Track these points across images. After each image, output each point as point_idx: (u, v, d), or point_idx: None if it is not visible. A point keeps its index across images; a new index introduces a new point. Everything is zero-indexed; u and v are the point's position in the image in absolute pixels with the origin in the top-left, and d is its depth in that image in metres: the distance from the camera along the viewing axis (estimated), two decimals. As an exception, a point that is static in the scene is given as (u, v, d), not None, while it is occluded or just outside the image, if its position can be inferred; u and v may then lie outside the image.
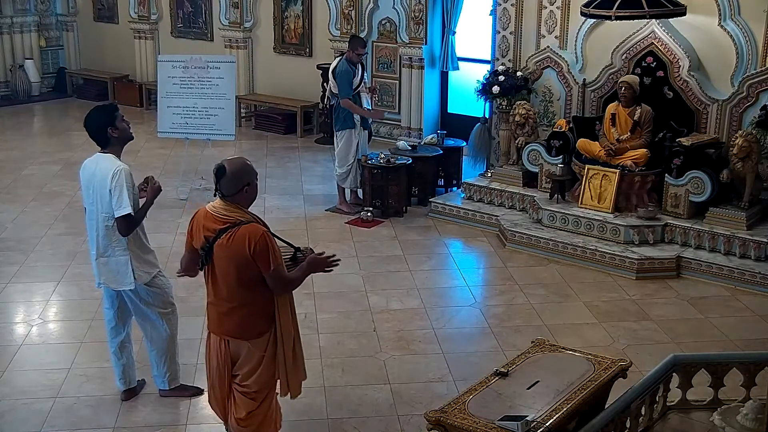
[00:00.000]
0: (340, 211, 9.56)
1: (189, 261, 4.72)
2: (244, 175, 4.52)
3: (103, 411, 5.67)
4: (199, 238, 4.55)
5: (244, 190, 4.52)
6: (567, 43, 9.32)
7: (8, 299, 7.41)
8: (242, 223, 4.45)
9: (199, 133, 10.13)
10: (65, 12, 15.90)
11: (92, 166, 5.42)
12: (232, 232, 4.43)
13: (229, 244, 4.43)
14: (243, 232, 4.41)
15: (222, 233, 4.45)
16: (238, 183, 4.49)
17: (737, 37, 8.32)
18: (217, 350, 4.69)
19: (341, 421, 5.55)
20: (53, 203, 9.82)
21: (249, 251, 4.39)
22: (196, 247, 4.58)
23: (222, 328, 4.65)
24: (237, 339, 4.63)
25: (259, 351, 4.62)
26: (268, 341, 4.63)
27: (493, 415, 4.31)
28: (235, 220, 4.46)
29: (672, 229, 8.16)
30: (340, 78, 9.15)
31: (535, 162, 9.02)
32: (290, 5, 13.19)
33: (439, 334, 6.76)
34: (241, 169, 4.53)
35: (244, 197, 4.54)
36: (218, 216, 4.49)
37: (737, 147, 7.80)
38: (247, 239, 4.39)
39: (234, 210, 4.50)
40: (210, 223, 4.51)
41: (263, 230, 4.46)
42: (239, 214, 4.49)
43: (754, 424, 4.52)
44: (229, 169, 4.48)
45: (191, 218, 4.68)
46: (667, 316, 7.13)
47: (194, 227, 4.61)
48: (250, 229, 4.43)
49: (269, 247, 4.42)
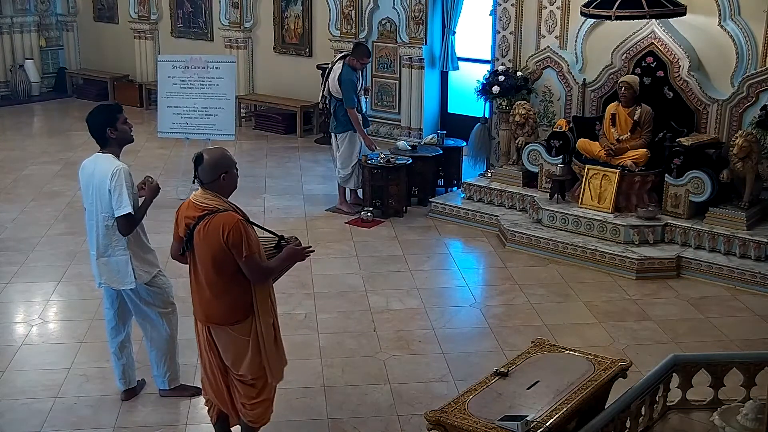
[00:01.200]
0: (340, 211, 9.56)
1: (176, 249, 4.84)
2: (221, 163, 4.66)
3: (103, 411, 5.67)
4: (181, 227, 4.70)
5: (221, 178, 4.64)
6: (567, 43, 9.32)
7: (8, 299, 7.41)
8: (219, 211, 4.58)
9: (199, 133, 10.13)
10: (65, 12, 15.90)
11: (91, 166, 5.42)
12: (208, 220, 4.57)
13: (206, 231, 4.56)
14: (218, 220, 4.55)
15: (200, 221, 4.59)
16: (215, 171, 4.63)
17: (737, 37, 8.32)
18: (203, 337, 4.84)
19: (341, 421, 5.55)
20: (53, 203, 9.82)
21: (223, 238, 4.51)
22: (181, 235, 4.72)
23: (203, 314, 4.78)
24: (216, 325, 4.74)
25: (241, 336, 4.72)
26: (251, 328, 4.73)
27: (493, 415, 4.32)
28: (212, 207, 4.59)
29: (672, 229, 8.16)
30: (345, 86, 9.14)
31: (535, 162, 9.02)
32: (290, 5, 13.19)
33: (439, 334, 6.76)
34: (218, 157, 4.67)
35: (221, 185, 4.66)
36: (197, 204, 4.64)
37: (737, 147, 7.80)
38: (221, 227, 4.52)
39: (212, 198, 4.63)
40: (191, 211, 4.65)
41: (238, 218, 4.57)
42: (217, 203, 4.62)
43: (754, 424, 4.52)
44: (207, 157, 4.63)
45: (178, 208, 4.80)
46: (667, 316, 7.13)
47: (179, 216, 4.75)
48: (225, 217, 4.55)
49: (243, 235, 4.52)
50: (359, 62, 9.20)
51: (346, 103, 9.17)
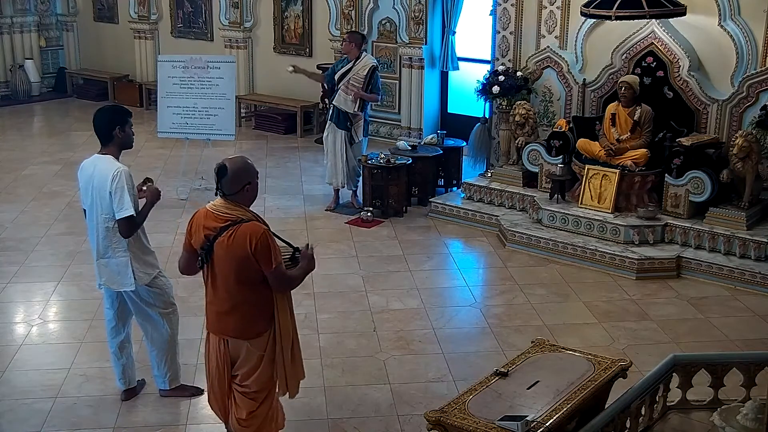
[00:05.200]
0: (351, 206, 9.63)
1: (187, 261, 4.71)
2: (245, 174, 4.53)
3: (103, 411, 5.67)
4: (198, 238, 4.55)
5: (245, 189, 4.53)
6: (567, 43, 9.32)
7: (8, 299, 7.41)
8: (243, 221, 4.46)
9: (199, 133, 10.13)
10: (65, 12, 15.90)
11: (90, 167, 5.40)
12: (233, 230, 4.44)
13: (230, 242, 4.43)
14: (244, 230, 4.42)
15: (223, 231, 4.45)
16: (240, 182, 4.50)
17: (737, 37, 8.32)
18: (217, 350, 4.69)
19: (341, 421, 5.55)
20: (53, 203, 9.82)
21: (250, 249, 4.40)
22: (195, 246, 4.58)
23: (221, 327, 4.65)
24: (236, 338, 4.63)
25: (258, 350, 4.62)
26: (267, 341, 4.63)
27: (493, 415, 4.32)
28: (236, 218, 4.47)
29: (672, 229, 8.16)
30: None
31: (535, 162, 9.02)
32: (290, 5, 13.20)
33: (439, 334, 6.76)
34: (243, 168, 4.53)
35: (245, 196, 4.55)
36: (219, 214, 4.50)
37: (737, 147, 7.80)
38: (248, 237, 4.40)
39: (235, 208, 4.51)
40: (210, 221, 4.51)
41: (264, 228, 4.47)
42: (240, 213, 4.50)
43: (754, 424, 4.52)
44: (231, 168, 4.49)
45: (191, 218, 4.68)
46: (667, 316, 7.13)
47: (194, 227, 4.60)
48: (252, 228, 4.44)
49: (270, 246, 4.44)
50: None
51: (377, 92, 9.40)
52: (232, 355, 4.67)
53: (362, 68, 9.19)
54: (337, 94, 9.24)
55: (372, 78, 9.21)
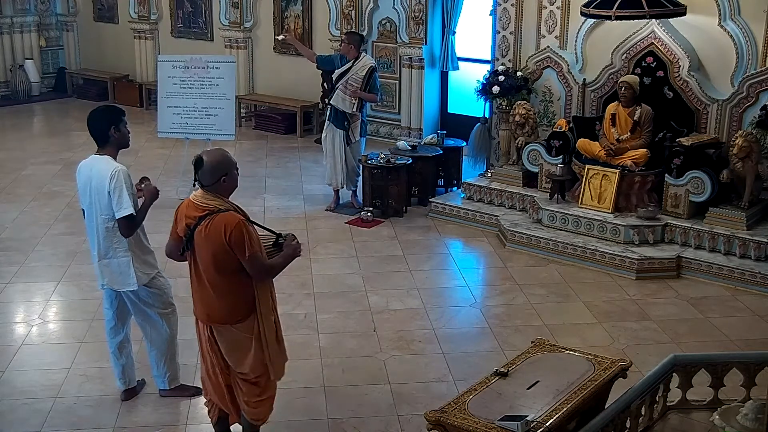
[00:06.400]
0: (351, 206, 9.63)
1: (172, 247, 4.88)
2: (222, 166, 4.69)
3: (103, 411, 5.67)
4: (181, 226, 4.74)
5: (222, 180, 4.69)
6: (567, 43, 9.32)
7: (8, 299, 7.41)
8: (221, 211, 4.62)
9: (199, 133, 10.13)
10: (65, 12, 15.90)
11: (88, 168, 5.39)
12: (209, 220, 4.61)
13: (207, 231, 4.60)
14: (220, 220, 4.59)
15: (201, 221, 4.63)
16: (216, 174, 4.67)
17: (737, 37, 8.32)
18: (202, 335, 4.88)
19: (341, 421, 5.55)
20: (53, 203, 9.82)
21: (225, 238, 4.55)
22: (180, 234, 4.75)
23: (205, 313, 4.81)
24: (219, 324, 4.77)
25: (243, 334, 4.76)
26: (252, 326, 4.76)
27: (493, 415, 4.32)
28: (213, 208, 4.64)
29: (672, 229, 8.16)
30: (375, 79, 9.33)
31: (535, 162, 9.02)
32: (290, 5, 13.19)
33: (439, 334, 6.76)
34: (219, 160, 4.70)
35: (222, 187, 4.71)
36: (199, 204, 4.68)
37: (737, 147, 7.80)
38: (224, 226, 4.56)
39: (213, 198, 4.67)
40: (191, 211, 4.69)
41: (240, 218, 4.62)
42: (218, 203, 4.66)
43: (754, 424, 4.52)
44: (207, 160, 4.66)
45: (177, 207, 4.83)
46: (667, 316, 7.13)
47: (179, 215, 4.79)
48: (227, 217, 4.59)
49: (244, 234, 4.57)
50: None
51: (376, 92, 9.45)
52: (219, 340, 4.82)
53: (361, 69, 9.21)
54: (335, 94, 9.27)
55: (371, 78, 9.22)
